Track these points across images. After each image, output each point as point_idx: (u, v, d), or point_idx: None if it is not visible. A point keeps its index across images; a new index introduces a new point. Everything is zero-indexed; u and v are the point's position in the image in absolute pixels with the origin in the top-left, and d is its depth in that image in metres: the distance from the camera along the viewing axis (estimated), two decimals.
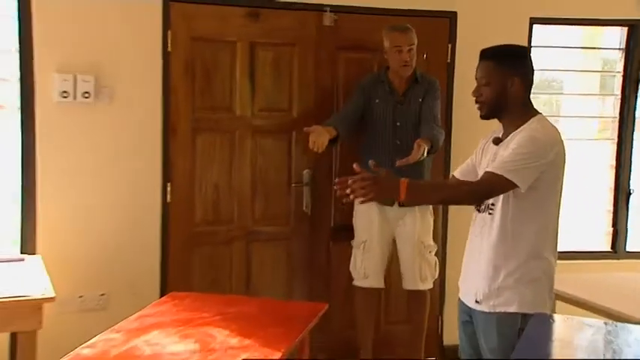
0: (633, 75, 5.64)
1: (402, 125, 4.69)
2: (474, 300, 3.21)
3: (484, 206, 3.20)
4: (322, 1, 4.88)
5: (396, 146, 4.65)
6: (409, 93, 4.70)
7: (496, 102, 3.14)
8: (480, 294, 3.18)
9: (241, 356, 2.98)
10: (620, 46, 5.68)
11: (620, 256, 5.70)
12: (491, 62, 3.17)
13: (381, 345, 5.10)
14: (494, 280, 3.16)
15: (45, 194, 4.45)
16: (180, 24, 4.61)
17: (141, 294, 4.27)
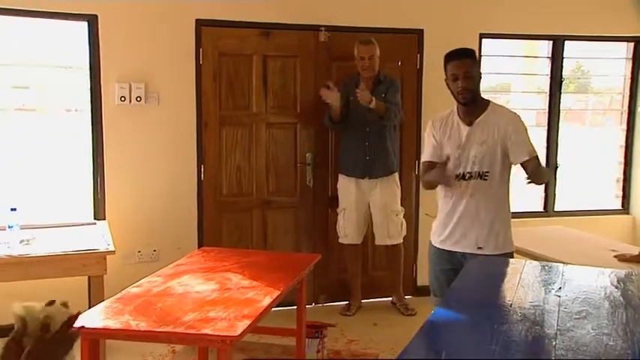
0: (557, 77, 5.94)
1: (370, 118, 4.89)
2: (476, 247, 3.40)
3: (471, 174, 3.37)
4: (318, 22, 5.13)
5: (366, 133, 4.96)
6: (375, 91, 4.87)
7: (476, 90, 3.39)
8: (483, 242, 3.40)
9: (249, 294, 3.10)
10: (548, 55, 5.95)
11: (550, 215, 5.98)
12: (470, 60, 3.40)
13: (369, 287, 5.41)
14: (493, 231, 3.43)
15: (110, 175, 4.78)
16: (208, 43, 4.90)
17: (183, 249, 4.32)
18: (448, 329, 2.24)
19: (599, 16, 5.96)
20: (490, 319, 2.31)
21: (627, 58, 6.28)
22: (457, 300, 2.55)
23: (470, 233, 3.41)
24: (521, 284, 2.84)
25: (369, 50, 4.86)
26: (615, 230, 6.03)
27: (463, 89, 3.33)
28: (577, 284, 2.84)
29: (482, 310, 2.46)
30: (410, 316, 5.19)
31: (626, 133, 6.34)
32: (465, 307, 2.48)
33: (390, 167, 5.10)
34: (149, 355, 4.26)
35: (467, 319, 2.37)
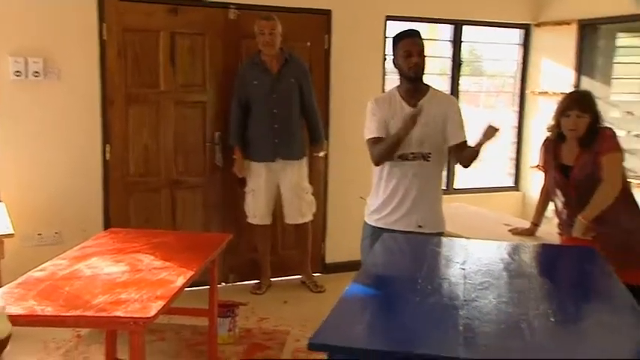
0: (457, 60, 6.14)
1: (278, 97, 4.82)
2: (417, 226, 3.43)
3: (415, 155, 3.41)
4: (228, 0, 5.02)
5: (273, 114, 4.84)
6: (283, 70, 4.81)
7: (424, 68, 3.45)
8: (423, 221, 3.45)
9: (161, 275, 3.00)
10: (450, 39, 6.11)
11: (450, 192, 6.11)
12: (419, 39, 3.46)
13: (279, 266, 5.40)
14: (433, 210, 3.51)
15: (5, 154, 4.53)
16: (113, 18, 4.69)
17: (89, 231, 4.18)
18: (361, 305, 2.26)
19: (494, 3, 6.16)
20: (399, 293, 2.40)
21: (519, 44, 6.53)
22: (370, 275, 2.61)
23: (412, 213, 3.45)
24: (429, 259, 2.93)
25: (270, 25, 4.74)
26: (508, 206, 6.31)
27: (415, 65, 3.39)
28: (478, 257, 2.97)
29: (394, 284, 2.53)
30: (319, 293, 5.23)
31: (518, 115, 6.60)
32: (378, 283, 2.55)
33: (300, 149, 5.07)
34: (51, 342, 4.09)
35: (380, 293, 2.42)
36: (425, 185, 3.45)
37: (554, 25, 6.19)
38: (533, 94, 6.46)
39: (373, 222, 3.56)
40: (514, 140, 6.66)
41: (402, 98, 3.46)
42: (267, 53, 4.80)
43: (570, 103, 3.55)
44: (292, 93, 4.90)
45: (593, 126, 3.50)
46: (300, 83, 4.91)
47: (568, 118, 3.50)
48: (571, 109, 3.51)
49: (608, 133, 3.54)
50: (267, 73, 4.81)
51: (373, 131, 3.46)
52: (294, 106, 4.95)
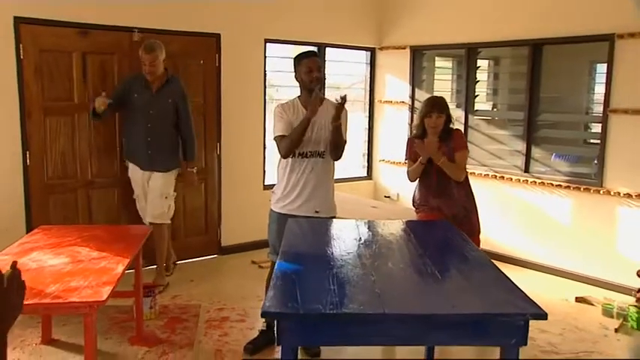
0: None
1: (154, 113, 4.50)
2: (314, 211, 3.48)
3: (312, 153, 3.46)
4: (132, 24, 4.86)
5: (148, 128, 4.50)
6: (162, 90, 4.50)
7: (321, 82, 3.53)
8: (319, 207, 3.52)
9: (102, 264, 2.91)
10: None
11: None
12: (318, 58, 3.59)
13: (183, 250, 5.30)
14: (327, 198, 3.58)
15: None
16: (28, 39, 4.41)
17: (11, 231, 4.07)
18: (293, 277, 2.32)
19: (348, 31, 6.42)
20: (321, 266, 2.46)
21: (367, 62, 6.84)
22: (291, 254, 2.63)
23: (310, 201, 3.50)
24: (333, 238, 3.06)
25: (150, 58, 4.38)
26: (364, 191, 6.63)
27: (316, 78, 3.45)
28: (368, 233, 3.11)
29: (313, 259, 2.60)
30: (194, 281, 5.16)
31: (368, 119, 6.92)
32: (300, 259, 2.59)
33: (169, 163, 4.67)
34: None
35: (304, 268, 2.47)
36: (320, 178, 3.53)
37: (394, 49, 6.56)
38: (379, 102, 6.80)
39: (278, 209, 3.58)
40: (366, 139, 6.96)
41: (303, 106, 3.52)
42: (150, 79, 4.48)
43: (432, 107, 3.84)
44: (168, 112, 4.54)
45: (447, 124, 3.84)
46: (176, 104, 4.57)
47: (430, 118, 3.81)
48: (432, 111, 3.81)
49: (460, 134, 3.92)
50: (148, 91, 4.48)
51: (281, 130, 3.48)
52: (168, 124, 4.58)
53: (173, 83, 4.58)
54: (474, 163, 5.78)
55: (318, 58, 3.58)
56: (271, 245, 3.64)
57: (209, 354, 3.61)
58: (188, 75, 5.21)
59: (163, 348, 3.65)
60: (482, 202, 4.16)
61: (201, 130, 5.36)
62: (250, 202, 5.60)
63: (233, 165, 5.62)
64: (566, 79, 5.72)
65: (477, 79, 5.96)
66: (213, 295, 4.61)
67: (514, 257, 5.49)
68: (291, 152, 3.48)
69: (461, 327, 1.99)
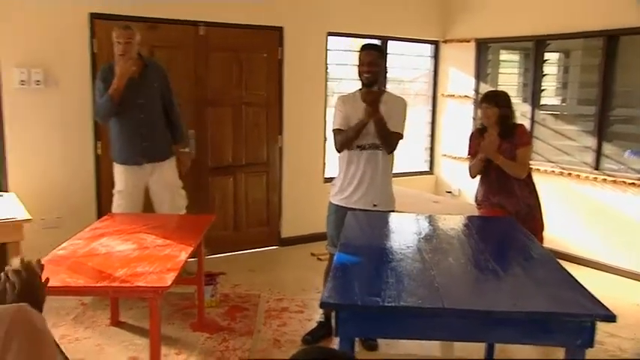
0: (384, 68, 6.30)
1: (144, 102, 4.20)
2: (372, 205, 3.44)
3: (370, 146, 3.41)
4: (198, 19, 4.96)
5: (140, 119, 4.21)
6: (144, 75, 4.18)
7: (377, 76, 3.45)
8: (377, 200, 3.48)
9: (166, 251, 2.98)
10: None
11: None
12: (375, 52, 3.47)
13: (243, 240, 5.43)
14: (385, 192, 3.53)
15: (13, 151, 4.38)
16: (102, 34, 4.52)
17: (83, 217, 4.26)
18: (352, 269, 2.33)
19: (412, 24, 6.32)
20: (380, 259, 2.45)
21: (431, 56, 6.73)
22: (350, 246, 2.64)
23: (368, 194, 3.47)
24: (393, 232, 3.04)
25: (126, 35, 4.05)
26: (425, 186, 6.55)
27: (366, 72, 3.41)
28: (429, 228, 3.08)
29: (372, 252, 2.59)
30: None
31: (431, 113, 6.81)
32: (359, 252, 2.59)
33: (168, 149, 4.43)
34: (61, 309, 3.99)
35: (362, 261, 2.47)
36: (378, 171, 3.48)
37: (458, 42, 6.44)
38: (442, 96, 6.69)
39: (337, 201, 3.58)
40: (429, 133, 6.87)
41: (362, 99, 3.44)
42: (123, 59, 4.04)
43: (484, 98, 3.83)
44: (156, 97, 4.26)
45: (506, 119, 3.74)
46: (161, 87, 4.30)
47: (481, 109, 3.78)
48: (482, 102, 3.81)
49: (523, 130, 3.81)
50: (131, 80, 4.06)
51: (338, 124, 3.50)
52: (158, 110, 4.31)
53: (153, 66, 4.32)
54: (540, 159, 5.60)
55: (375, 52, 3.49)
56: (329, 237, 3.65)
57: (268, 343, 3.66)
58: (251, 68, 5.31)
59: (224, 335, 3.74)
60: (548, 200, 4.04)
61: (263, 122, 5.45)
62: (310, 194, 5.63)
63: (294, 157, 5.67)
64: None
65: (544, 72, 5.77)
66: (273, 285, 4.67)
67: (581, 257, 5.29)
68: (344, 148, 3.49)
69: (523, 325, 1.94)
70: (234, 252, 5.39)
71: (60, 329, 3.74)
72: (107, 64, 4.19)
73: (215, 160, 5.29)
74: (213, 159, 5.28)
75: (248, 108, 5.37)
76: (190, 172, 4.96)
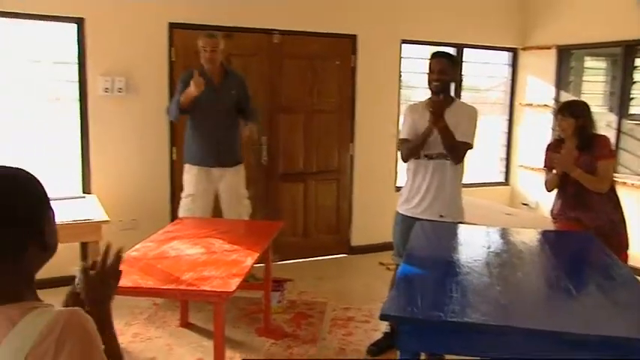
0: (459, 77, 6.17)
1: (221, 108, 4.32)
2: (439, 216, 3.35)
3: (437, 155, 3.32)
4: (272, 27, 5.04)
5: (217, 124, 4.34)
6: (224, 83, 4.31)
7: (446, 85, 3.36)
8: (444, 211, 3.38)
9: (233, 256, 3.02)
10: None
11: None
12: (445, 60, 3.37)
13: (312, 247, 5.44)
14: (453, 203, 3.42)
15: (95, 155, 4.58)
16: (180, 43, 4.71)
17: (158, 220, 4.34)
18: (416, 281, 2.27)
19: (489, 31, 6.15)
20: (446, 272, 2.38)
21: (508, 64, 6.51)
22: (416, 257, 2.59)
23: (434, 204, 3.40)
24: (460, 244, 2.95)
25: (212, 43, 4.20)
26: (500, 197, 6.32)
27: (435, 80, 3.35)
28: (499, 241, 2.97)
29: (438, 265, 2.53)
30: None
31: (507, 122, 6.59)
32: (424, 263, 2.54)
33: (239, 156, 4.53)
34: (135, 308, 4.13)
35: (427, 273, 2.42)
36: (446, 181, 3.40)
37: (537, 49, 6.20)
38: (520, 105, 6.46)
39: (403, 211, 3.52)
40: (504, 143, 6.65)
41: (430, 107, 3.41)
42: (208, 66, 4.26)
43: (559, 109, 3.69)
44: (233, 104, 4.38)
45: (584, 130, 3.55)
46: (239, 94, 4.40)
47: (557, 121, 3.63)
48: (558, 113, 3.67)
49: (604, 141, 3.59)
50: (211, 85, 4.22)
51: (404, 133, 3.47)
52: (234, 116, 4.42)
53: (232, 75, 4.44)
54: (627, 172, 5.29)
55: (445, 59, 3.40)
56: (395, 247, 3.60)
57: (332, 352, 3.64)
58: (324, 76, 5.35)
59: (289, 342, 3.74)
60: (635, 215, 3.79)
61: (334, 130, 5.46)
62: (381, 203, 5.56)
63: (366, 165, 5.64)
64: None
65: (634, 79, 5.45)
66: (340, 294, 4.65)
67: None
68: (410, 158, 3.44)
69: (596, 350, 1.81)
70: (303, 259, 5.42)
71: (133, 327, 3.88)
72: (190, 70, 4.27)
73: (286, 167, 5.34)
74: (285, 165, 5.34)
75: (320, 115, 5.40)
76: (261, 179, 5.07)
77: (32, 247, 1.16)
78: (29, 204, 1.16)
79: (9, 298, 1.11)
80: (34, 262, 1.18)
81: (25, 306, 1.11)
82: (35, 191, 1.19)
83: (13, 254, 1.13)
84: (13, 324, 1.07)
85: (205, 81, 4.15)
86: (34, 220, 1.16)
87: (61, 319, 1.06)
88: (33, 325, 1.06)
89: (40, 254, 1.18)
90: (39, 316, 1.08)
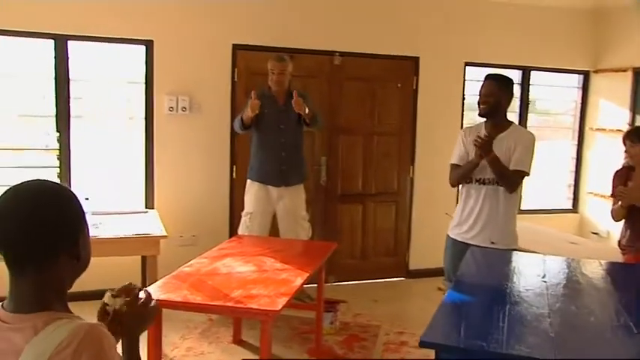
0: (525, 100, 5.94)
1: (285, 127, 4.41)
2: (490, 242, 3.27)
3: (489, 180, 3.26)
4: (333, 49, 5.10)
5: (282, 143, 4.42)
6: (288, 103, 4.31)
7: (493, 108, 3.29)
8: (495, 238, 3.30)
9: (283, 275, 3.04)
10: (518, 82, 5.82)
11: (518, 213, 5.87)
12: (494, 82, 3.31)
13: (369, 269, 5.41)
14: (505, 229, 3.33)
15: (159, 172, 4.74)
16: (242, 64, 4.83)
17: (217, 237, 4.37)
18: (462, 308, 2.21)
19: (558, 52, 5.97)
20: (494, 301, 2.30)
21: (578, 87, 6.28)
22: (465, 284, 2.52)
23: (485, 230, 3.33)
24: (513, 272, 2.84)
25: (281, 66, 4.33)
26: (567, 225, 6.06)
27: (482, 103, 3.33)
28: (556, 271, 2.84)
29: (487, 292, 2.45)
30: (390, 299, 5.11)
31: (576, 147, 6.34)
32: (473, 290, 2.47)
33: (303, 177, 4.60)
34: (190, 323, 4.22)
35: (475, 300, 2.34)
36: (498, 206, 3.31)
37: (612, 71, 5.95)
38: (591, 130, 6.21)
39: (454, 235, 3.47)
40: (572, 169, 6.40)
41: (486, 131, 3.36)
42: (275, 89, 4.40)
43: (625, 135, 3.58)
44: (297, 124, 4.45)
45: None
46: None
47: (625, 147, 3.47)
48: (625, 139, 3.54)
49: None
50: (276, 106, 4.38)
51: (455, 159, 3.44)
52: (298, 136, 4.53)
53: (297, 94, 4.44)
54: None
55: (494, 82, 3.32)
56: (445, 272, 3.55)
57: None
58: (384, 97, 5.34)
59: None
60: None
61: (394, 152, 5.43)
62: (441, 226, 5.36)
63: (425, 188, 5.55)
64: None
65: None
66: (395, 317, 4.58)
67: None
68: (457, 184, 3.44)
69: None
70: (360, 281, 5.38)
71: (187, 342, 3.96)
72: (260, 90, 4.39)
73: (345, 188, 5.34)
74: (343, 187, 5.34)
75: (380, 137, 5.39)
76: (320, 199, 5.09)
77: (64, 257, 1.20)
78: (65, 217, 1.21)
79: (37, 307, 1.16)
80: (66, 273, 1.23)
81: (51, 316, 1.15)
82: (73, 207, 1.24)
83: (43, 263, 1.18)
84: (36, 332, 1.12)
85: (270, 102, 4.32)
86: (68, 232, 1.21)
87: (81, 332, 1.10)
88: (54, 334, 1.10)
89: (71, 266, 1.23)
90: (61, 326, 1.12)
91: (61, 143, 4.51)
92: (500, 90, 3.32)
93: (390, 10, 5.26)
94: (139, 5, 4.59)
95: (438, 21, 5.45)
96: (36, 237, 1.16)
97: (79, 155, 4.63)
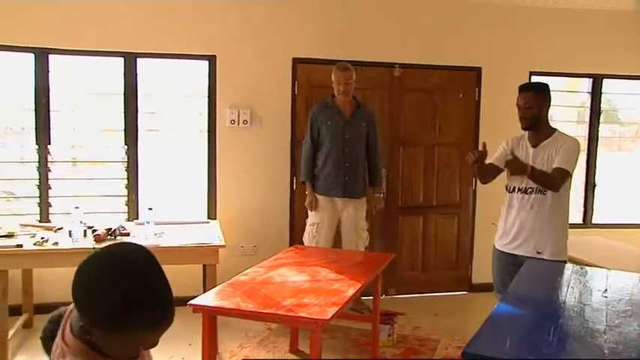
0: (596, 109, 5.69)
1: (349, 138, 4.46)
2: (535, 252, 3.23)
3: (532, 189, 3.24)
4: (393, 60, 5.10)
5: (345, 153, 4.46)
6: (355, 114, 4.47)
7: (534, 119, 3.26)
8: (541, 247, 3.24)
9: (335, 285, 3.06)
10: (588, 90, 5.69)
11: (588, 226, 5.69)
12: (532, 93, 3.27)
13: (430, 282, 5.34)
14: (552, 239, 3.27)
15: (221, 183, 4.87)
16: (302, 77, 4.91)
17: (277, 246, 4.45)
18: (510, 322, 2.16)
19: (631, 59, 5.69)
20: (546, 314, 2.24)
21: None
22: (516, 297, 2.46)
23: (530, 240, 3.28)
24: (571, 286, 2.74)
25: (346, 76, 4.38)
26: None
27: (521, 117, 3.32)
28: (620, 287, 2.71)
29: (539, 306, 2.38)
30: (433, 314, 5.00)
31: None
32: (523, 303, 2.41)
33: (364, 189, 4.63)
34: (249, 332, 4.29)
35: (525, 313, 2.29)
36: (543, 216, 3.25)
37: None
38: None
39: (499, 246, 3.42)
40: None
41: (528, 139, 3.37)
42: (341, 100, 4.47)
43: None
44: (362, 136, 4.51)
45: None
46: (368, 128, 4.54)
47: None
48: None
49: None
50: (341, 116, 4.46)
51: (492, 157, 3.47)
52: (362, 148, 4.55)
53: (364, 108, 4.58)
54: None
55: (531, 92, 3.28)
56: (494, 284, 3.49)
57: None
58: (446, 109, 5.28)
59: None
60: None
61: (456, 164, 5.35)
62: None
63: (489, 201, 5.39)
64: None
65: None
66: (455, 331, 4.48)
67: None
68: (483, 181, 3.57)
69: None
70: (421, 294, 5.32)
71: (245, 350, 4.03)
72: (319, 105, 4.54)
73: (406, 200, 5.30)
74: (404, 199, 5.30)
75: (441, 149, 5.33)
76: (380, 211, 5.02)
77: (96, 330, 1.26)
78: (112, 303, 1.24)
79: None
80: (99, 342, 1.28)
81: None
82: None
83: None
84: None
85: (335, 112, 4.45)
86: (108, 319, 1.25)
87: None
88: None
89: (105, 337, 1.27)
90: None
91: (129, 156, 4.72)
92: (538, 99, 3.28)
93: (451, 21, 5.23)
94: (203, 22, 4.77)
95: (501, 30, 5.35)
96: None
97: (146, 167, 4.82)
